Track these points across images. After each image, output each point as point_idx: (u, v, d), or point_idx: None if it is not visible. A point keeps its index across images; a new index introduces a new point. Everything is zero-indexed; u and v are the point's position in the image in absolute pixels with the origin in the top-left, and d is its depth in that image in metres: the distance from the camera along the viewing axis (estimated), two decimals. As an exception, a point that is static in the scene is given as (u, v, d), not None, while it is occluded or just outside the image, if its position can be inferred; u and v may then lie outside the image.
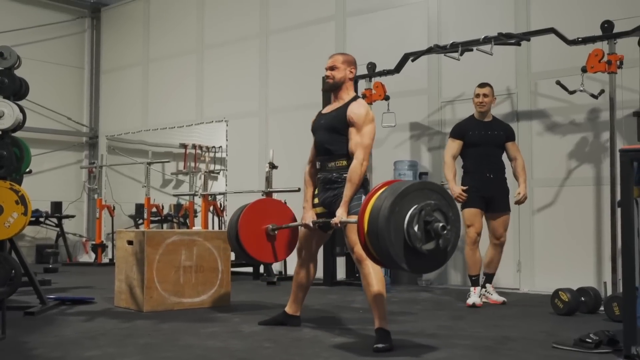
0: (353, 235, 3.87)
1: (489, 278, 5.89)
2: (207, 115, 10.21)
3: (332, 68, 4.20)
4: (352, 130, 4.03)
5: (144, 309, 5.15)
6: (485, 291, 5.84)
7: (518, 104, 7.03)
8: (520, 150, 5.97)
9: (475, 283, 5.71)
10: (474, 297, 5.61)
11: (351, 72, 4.21)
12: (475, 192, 5.73)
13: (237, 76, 9.83)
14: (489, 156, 5.81)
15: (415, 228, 3.22)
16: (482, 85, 5.92)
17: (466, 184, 5.80)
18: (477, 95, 5.89)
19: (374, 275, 3.86)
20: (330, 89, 4.27)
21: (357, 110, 4.05)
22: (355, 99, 4.16)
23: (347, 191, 3.96)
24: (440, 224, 3.26)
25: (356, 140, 4.01)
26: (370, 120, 4.05)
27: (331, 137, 4.14)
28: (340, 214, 3.93)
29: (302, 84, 8.80)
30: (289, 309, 4.51)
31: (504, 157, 5.91)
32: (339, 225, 3.93)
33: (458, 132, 5.92)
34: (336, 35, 8.63)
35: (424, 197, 3.31)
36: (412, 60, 6.97)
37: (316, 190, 4.28)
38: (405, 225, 3.23)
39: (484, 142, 5.80)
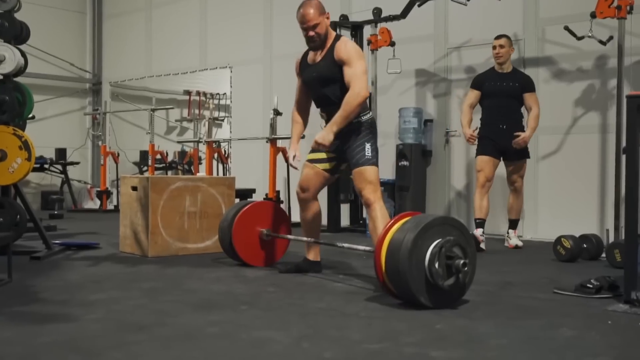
0: (361, 183, 3.98)
1: (512, 224, 6.10)
2: (211, 61, 10.12)
3: (313, 27, 4.03)
4: (345, 67, 3.99)
5: (148, 254, 5.20)
6: (507, 236, 6.11)
7: (525, 51, 6.92)
8: (538, 101, 5.93)
9: (478, 225, 5.80)
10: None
11: (327, 17, 4.12)
12: (489, 141, 5.90)
13: (241, 22, 9.69)
14: (503, 107, 5.91)
15: (437, 265, 3.22)
16: (498, 37, 6.01)
17: (481, 134, 5.94)
18: (494, 47, 6.01)
19: (382, 219, 3.91)
20: (321, 46, 4.12)
21: (344, 47, 4.02)
22: (337, 38, 4.11)
23: (338, 118, 3.94)
24: (462, 261, 3.26)
25: (349, 72, 3.96)
26: (359, 54, 4.02)
27: (330, 88, 4.09)
28: (325, 134, 3.92)
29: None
30: (309, 255, 4.49)
31: (524, 109, 5.98)
32: (317, 145, 3.98)
33: (476, 82, 6.09)
34: (341, -21, 8.47)
35: (444, 233, 3.30)
36: (419, 6, 6.85)
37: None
38: (427, 263, 3.22)
39: (498, 93, 5.91)
